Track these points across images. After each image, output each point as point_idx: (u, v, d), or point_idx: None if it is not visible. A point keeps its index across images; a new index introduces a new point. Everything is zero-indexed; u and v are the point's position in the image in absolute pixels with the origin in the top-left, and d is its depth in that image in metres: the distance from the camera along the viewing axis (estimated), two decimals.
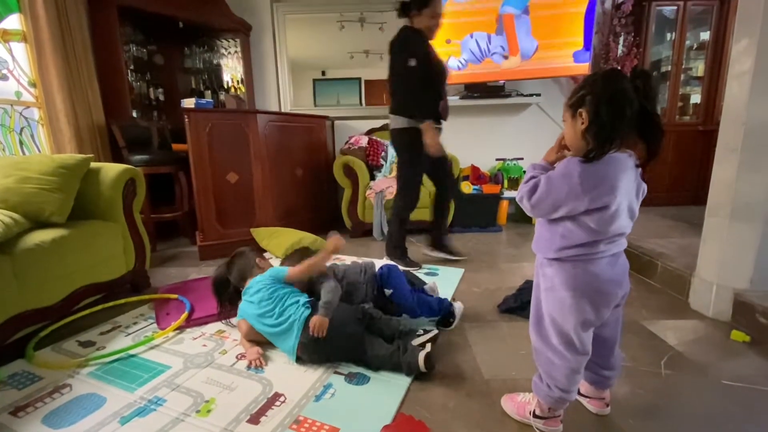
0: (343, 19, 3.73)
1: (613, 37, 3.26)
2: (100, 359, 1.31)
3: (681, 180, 3.38)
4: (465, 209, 3.05)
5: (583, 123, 0.80)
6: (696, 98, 3.39)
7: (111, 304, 1.74)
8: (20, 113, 2.46)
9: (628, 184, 0.82)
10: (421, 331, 1.24)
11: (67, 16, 2.51)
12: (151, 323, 1.59)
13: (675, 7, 3.20)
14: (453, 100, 3.42)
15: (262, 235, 2.55)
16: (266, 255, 2.09)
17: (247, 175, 2.59)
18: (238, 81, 3.65)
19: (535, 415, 0.93)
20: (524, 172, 3.31)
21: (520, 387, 1.15)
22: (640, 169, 0.85)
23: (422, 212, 2.97)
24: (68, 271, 1.55)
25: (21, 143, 2.46)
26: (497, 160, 3.43)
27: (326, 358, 1.26)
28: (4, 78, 2.38)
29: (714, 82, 3.26)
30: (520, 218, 3.45)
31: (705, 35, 3.27)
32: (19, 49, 2.47)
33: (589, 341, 0.88)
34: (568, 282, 0.84)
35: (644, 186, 0.88)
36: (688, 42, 3.26)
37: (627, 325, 1.51)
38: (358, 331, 1.25)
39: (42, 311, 1.45)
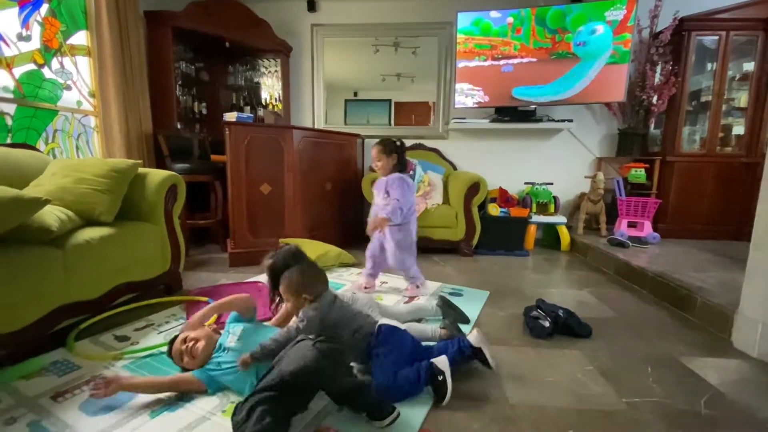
0: (378, 43, 3.86)
1: (650, 65, 3.22)
2: (134, 354, 1.36)
3: (721, 213, 3.23)
4: (491, 231, 3.02)
5: None
6: (739, 129, 3.27)
7: (146, 302, 1.81)
8: (79, 120, 2.67)
9: None
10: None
11: (128, 35, 2.73)
12: (182, 323, 1.64)
13: (716, 37, 3.14)
14: (482, 123, 3.46)
15: None
16: None
17: (279, 187, 2.68)
18: (275, 98, 3.83)
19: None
20: (554, 197, 3.27)
21: (548, 414, 1.11)
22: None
23: (447, 231, 2.97)
24: (111, 268, 1.64)
25: (77, 148, 2.66)
26: (526, 183, 3.40)
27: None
28: (68, 88, 2.60)
29: (759, 113, 3.14)
30: (548, 244, 3.37)
31: (749, 66, 3.18)
32: (83, 63, 2.71)
33: None
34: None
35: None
36: (730, 72, 3.17)
37: (662, 359, 1.45)
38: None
39: (84, 304, 1.53)
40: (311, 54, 3.83)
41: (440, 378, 1.12)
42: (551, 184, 3.31)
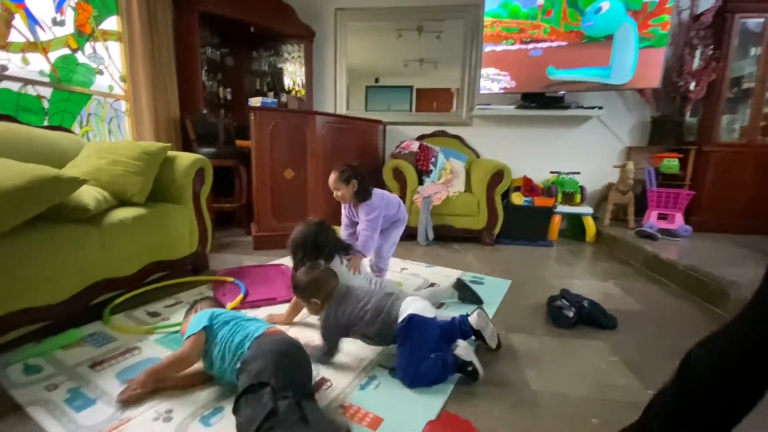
0: (401, 27, 3.80)
1: (689, 49, 3.06)
2: (165, 328, 1.42)
3: (760, 207, 3.06)
4: (514, 221, 2.98)
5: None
6: None
7: (175, 281, 1.88)
8: (111, 105, 2.75)
9: None
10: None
11: (156, 20, 2.78)
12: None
13: (762, 20, 2.94)
14: (508, 109, 3.38)
15: None
16: None
17: (302, 173, 2.70)
18: (297, 84, 3.84)
19: None
20: (581, 187, 3.18)
21: (571, 403, 1.10)
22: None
23: (469, 220, 2.94)
24: (143, 246, 1.70)
25: (109, 131, 2.75)
26: (551, 172, 3.32)
27: None
28: (101, 73, 2.68)
29: None
30: (572, 235, 3.30)
31: None
32: (114, 48, 2.77)
33: None
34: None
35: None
36: None
37: None
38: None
39: (119, 281, 1.60)
40: (334, 39, 3.80)
41: (470, 369, 1.13)
42: (578, 173, 3.22)
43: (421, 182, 3.11)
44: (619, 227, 3.13)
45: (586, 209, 3.13)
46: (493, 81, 3.36)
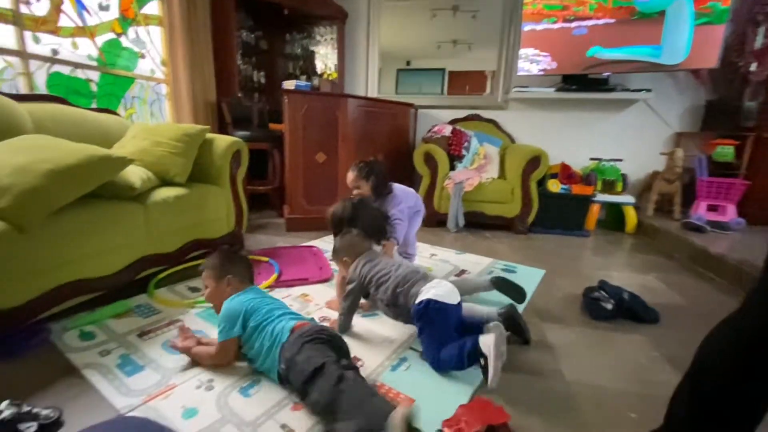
0: (436, 7, 3.69)
1: (752, 26, 2.79)
2: (205, 303, 1.48)
3: None
4: (549, 209, 2.88)
5: None
6: None
7: None
8: (152, 88, 2.86)
9: None
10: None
11: (194, 3, 2.83)
12: None
13: None
14: (547, 92, 3.23)
15: None
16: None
17: (333, 156, 2.71)
18: (329, 67, 3.83)
19: None
20: (623, 175, 3.02)
21: (608, 396, 1.07)
22: None
23: (501, 207, 2.87)
24: (184, 225, 1.77)
25: (151, 114, 2.86)
26: (591, 159, 3.17)
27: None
28: (143, 57, 2.77)
29: None
30: (611, 225, 3.15)
31: None
32: (155, 32, 2.86)
33: None
34: None
35: None
36: None
37: None
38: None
39: (162, 257, 1.68)
40: (367, 20, 3.74)
41: (482, 362, 1.02)
42: (620, 160, 3.06)
43: (452, 167, 3.05)
44: (663, 218, 2.97)
45: (628, 198, 2.98)
46: (531, 62, 3.21)
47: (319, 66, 3.89)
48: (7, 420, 0.82)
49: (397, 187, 1.91)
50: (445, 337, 1.14)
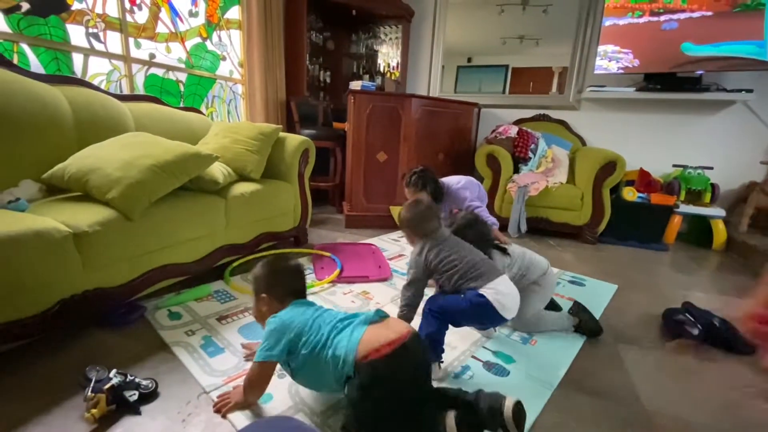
0: (504, 2, 3.56)
1: None
2: None
3: None
4: (623, 218, 2.67)
5: None
6: None
7: (282, 251, 2.07)
8: (230, 88, 3.07)
9: None
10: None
11: (270, 7, 2.99)
12: (309, 273, 1.84)
13: None
14: (626, 92, 2.99)
15: (398, 213, 2.69)
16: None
17: (394, 156, 2.74)
18: (391, 66, 3.85)
19: None
20: (712, 185, 2.72)
21: (694, 431, 0.98)
22: None
23: (569, 214, 2.72)
24: (257, 218, 1.89)
25: (228, 113, 3.07)
26: (674, 166, 2.89)
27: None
28: (224, 59, 2.99)
29: None
30: (694, 240, 2.86)
31: None
32: (235, 36, 3.06)
33: None
34: None
35: None
36: None
37: None
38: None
39: (237, 247, 1.81)
40: (433, 17, 3.71)
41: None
42: (710, 168, 2.75)
43: (516, 170, 2.94)
44: (759, 236, 2.63)
45: (717, 211, 2.68)
46: (610, 60, 2.99)
47: (381, 65, 3.93)
48: (116, 386, 0.93)
49: (453, 180, 1.93)
50: (458, 322, 1.15)
